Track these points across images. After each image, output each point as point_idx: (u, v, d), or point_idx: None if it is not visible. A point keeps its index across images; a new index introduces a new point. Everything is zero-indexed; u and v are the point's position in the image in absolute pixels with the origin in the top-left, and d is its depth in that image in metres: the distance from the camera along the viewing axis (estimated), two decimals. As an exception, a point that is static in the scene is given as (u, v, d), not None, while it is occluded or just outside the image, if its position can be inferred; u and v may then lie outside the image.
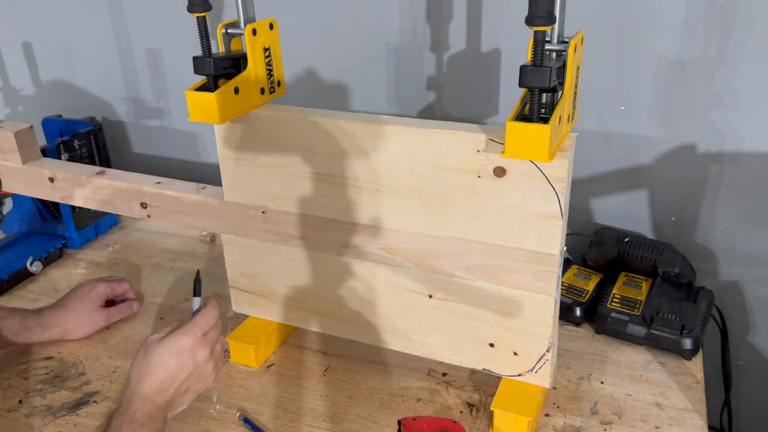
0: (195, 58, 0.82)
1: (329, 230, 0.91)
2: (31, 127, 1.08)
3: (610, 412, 0.90)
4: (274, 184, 0.92)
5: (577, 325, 1.07)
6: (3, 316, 1.02)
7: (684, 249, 1.10)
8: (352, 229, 0.90)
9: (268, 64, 0.88)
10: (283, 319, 1.02)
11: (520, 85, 0.68)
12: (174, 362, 0.81)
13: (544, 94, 0.73)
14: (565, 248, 0.81)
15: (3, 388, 0.99)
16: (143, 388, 0.79)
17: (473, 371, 0.96)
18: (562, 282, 1.04)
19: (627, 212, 1.18)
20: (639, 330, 1.00)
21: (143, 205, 1.04)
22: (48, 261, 1.30)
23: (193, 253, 1.33)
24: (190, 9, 0.81)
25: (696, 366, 0.97)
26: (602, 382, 0.95)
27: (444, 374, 0.97)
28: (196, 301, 0.92)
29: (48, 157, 1.16)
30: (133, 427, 0.76)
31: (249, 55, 0.85)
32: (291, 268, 0.97)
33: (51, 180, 1.08)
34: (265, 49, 0.87)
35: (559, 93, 0.73)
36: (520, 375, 0.88)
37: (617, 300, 1.04)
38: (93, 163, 1.38)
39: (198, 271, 0.95)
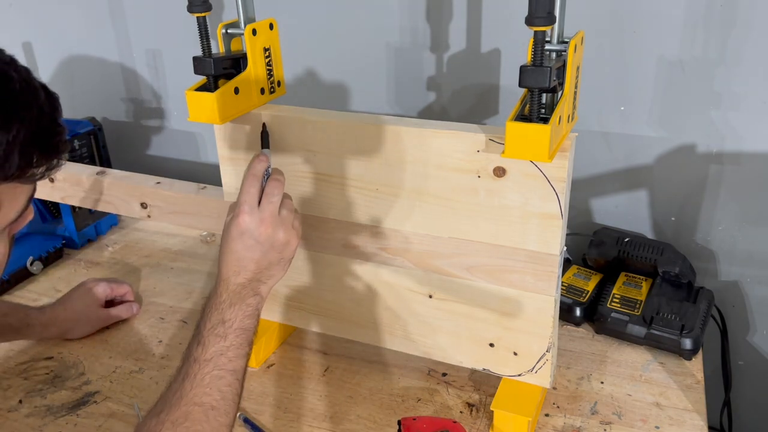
0: (195, 58, 0.82)
1: (329, 230, 0.91)
2: (31, 127, 1.08)
3: (610, 412, 0.90)
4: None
5: (577, 325, 1.07)
6: (5, 311, 1.02)
7: (684, 249, 1.10)
8: (352, 229, 0.90)
9: (268, 64, 0.88)
10: (283, 319, 1.02)
11: (520, 85, 0.68)
12: (239, 245, 0.77)
13: (544, 94, 0.73)
14: (565, 248, 0.81)
15: (3, 388, 0.99)
16: (222, 274, 0.78)
17: (473, 371, 0.96)
18: (562, 282, 1.04)
19: (627, 212, 1.18)
20: (639, 330, 1.00)
21: (143, 205, 1.04)
22: (48, 261, 1.30)
23: (193, 253, 1.33)
24: (190, 9, 0.81)
25: (696, 366, 0.97)
26: (602, 382, 0.95)
27: (444, 374, 0.97)
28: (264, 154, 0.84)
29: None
30: (222, 308, 0.76)
31: (249, 55, 0.85)
32: (291, 268, 0.96)
33: (51, 180, 1.08)
34: (265, 49, 0.87)
35: (559, 93, 0.73)
36: (520, 375, 0.88)
37: (617, 300, 1.04)
38: (93, 163, 1.38)
39: (264, 124, 0.87)
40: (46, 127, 0.57)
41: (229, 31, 0.86)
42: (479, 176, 0.79)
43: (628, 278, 1.09)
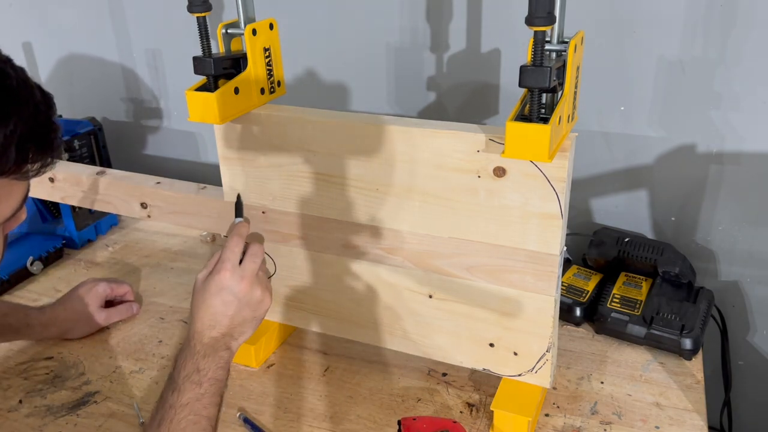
0: (195, 58, 0.82)
1: (329, 230, 0.91)
2: (31, 127, 1.08)
3: (610, 412, 0.90)
4: (274, 184, 0.92)
5: (577, 325, 1.07)
6: (5, 311, 1.02)
7: (684, 249, 1.10)
8: (352, 229, 0.90)
9: (268, 64, 0.88)
10: (283, 319, 1.02)
11: (520, 85, 0.68)
12: (217, 300, 0.79)
13: (544, 94, 0.73)
14: (565, 248, 0.81)
15: (3, 388, 0.99)
16: (196, 327, 0.79)
17: (473, 371, 0.96)
18: (562, 282, 1.04)
19: (627, 212, 1.18)
20: (639, 330, 1.00)
21: (143, 205, 1.04)
22: (48, 261, 1.30)
23: (193, 253, 1.33)
24: (190, 9, 0.81)
25: (696, 366, 0.97)
26: (602, 382, 0.95)
27: (444, 374, 0.97)
28: (236, 222, 0.86)
29: (48, 157, 1.15)
30: (196, 359, 0.77)
31: (249, 55, 0.85)
32: (291, 268, 0.97)
33: (51, 180, 1.08)
34: (265, 49, 0.87)
35: (559, 93, 0.73)
36: (520, 375, 0.88)
37: (617, 300, 1.04)
38: (93, 163, 1.38)
39: (238, 194, 0.89)
40: (42, 124, 0.58)
41: (229, 31, 0.86)
42: (479, 176, 0.79)
43: (628, 278, 1.09)
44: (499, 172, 0.77)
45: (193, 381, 0.75)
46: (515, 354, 0.87)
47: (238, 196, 0.88)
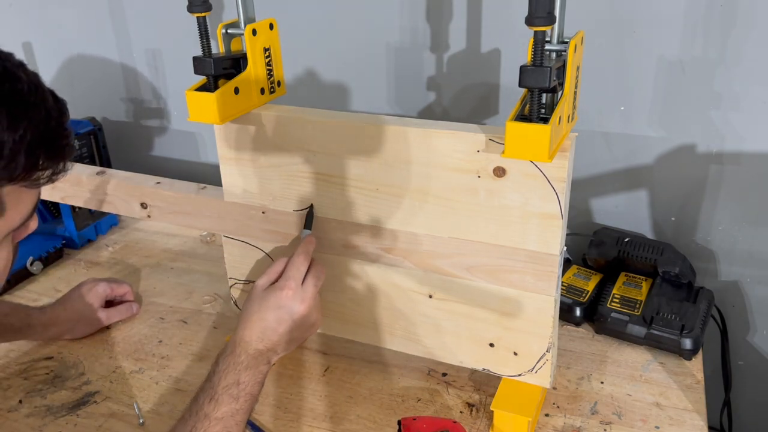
0: (195, 58, 0.82)
1: (329, 230, 0.91)
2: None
3: (610, 412, 0.90)
4: (274, 184, 0.92)
5: (577, 325, 1.07)
6: (6, 312, 1.02)
7: (684, 249, 1.10)
8: (352, 229, 0.90)
9: (268, 64, 0.88)
10: (283, 319, 1.02)
11: (520, 85, 0.68)
12: (273, 316, 0.80)
13: (544, 94, 0.73)
14: (565, 248, 0.81)
15: (3, 388, 0.99)
16: (245, 335, 0.80)
17: (473, 371, 0.96)
18: (562, 282, 1.04)
19: (627, 212, 1.18)
20: (639, 330, 1.00)
21: (143, 205, 1.04)
22: (48, 261, 1.30)
23: (193, 253, 1.33)
24: (190, 9, 0.81)
25: (696, 366, 0.97)
26: (602, 382, 0.95)
27: (444, 374, 0.97)
28: (305, 234, 0.88)
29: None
30: (238, 369, 0.78)
31: (249, 55, 0.85)
32: (291, 268, 0.97)
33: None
34: (265, 49, 0.87)
35: (559, 93, 0.73)
36: (520, 375, 0.88)
37: (617, 300, 1.04)
38: (93, 163, 1.38)
39: (311, 205, 0.90)
40: (53, 130, 0.56)
41: (229, 31, 0.86)
42: (479, 176, 0.79)
43: (628, 278, 1.09)
44: (499, 172, 0.77)
45: (232, 395, 0.76)
46: (515, 354, 0.87)
47: (311, 207, 0.89)
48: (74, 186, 1.07)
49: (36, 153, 0.55)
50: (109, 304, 1.12)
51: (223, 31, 0.85)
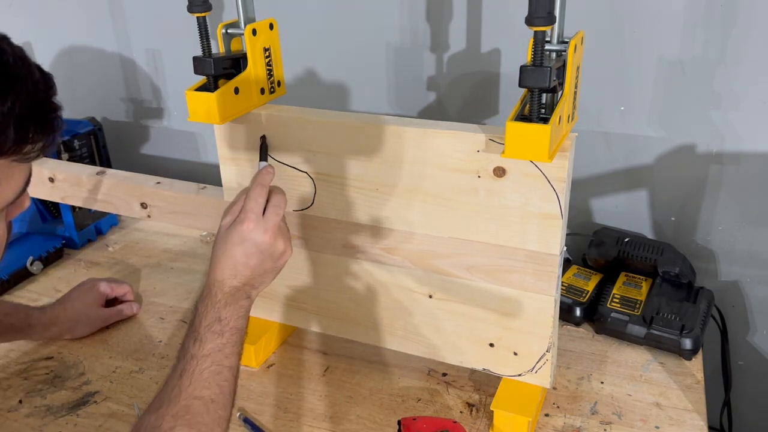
0: (195, 58, 0.82)
1: (329, 230, 0.91)
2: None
3: (610, 412, 0.90)
4: (273, 184, 0.92)
5: (577, 325, 1.07)
6: (7, 311, 1.02)
7: (684, 249, 1.10)
8: (352, 229, 0.90)
9: (268, 64, 0.88)
10: (283, 319, 1.02)
11: (520, 85, 0.68)
12: (239, 251, 0.79)
13: (544, 94, 0.73)
14: (565, 248, 0.81)
15: (3, 388, 0.99)
16: (217, 275, 0.79)
17: (473, 371, 0.96)
18: (562, 282, 1.04)
19: (627, 212, 1.18)
20: (639, 330, 1.00)
21: (143, 205, 1.04)
22: (48, 261, 1.30)
23: (193, 253, 1.33)
24: (190, 9, 0.81)
25: (696, 366, 0.97)
26: (602, 382, 0.95)
27: (444, 374, 0.97)
28: (261, 166, 0.86)
29: (48, 157, 1.16)
30: (217, 307, 0.77)
31: (249, 55, 0.85)
32: (291, 268, 0.97)
33: (51, 180, 1.08)
34: (265, 49, 0.87)
35: (559, 93, 0.73)
36: (520, 375, 0.88)
37: (617, 300, 1.04)
38: (93, 163, 1.38)
39: (263, 136, 0.88)
40: (41, 103, 0.56)
41: (229, 31, 0.86)
42: (479, 176, 0.79)
43: (628, 278, 1.09)
44: (499, 172, 0.77)
45: (215, 331, 0.75)
46: (515, 354, 0.87)
47: (263, 138, 0.86)
48: (74, 186, 1.07)
49: (25, 125, 0.54)
50: (109, 304, 1.12)
51: (223, 31, 0.85)
